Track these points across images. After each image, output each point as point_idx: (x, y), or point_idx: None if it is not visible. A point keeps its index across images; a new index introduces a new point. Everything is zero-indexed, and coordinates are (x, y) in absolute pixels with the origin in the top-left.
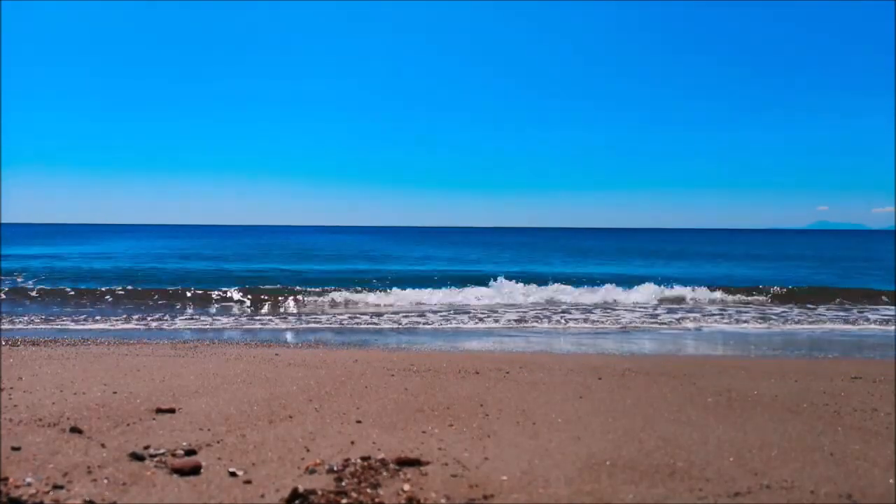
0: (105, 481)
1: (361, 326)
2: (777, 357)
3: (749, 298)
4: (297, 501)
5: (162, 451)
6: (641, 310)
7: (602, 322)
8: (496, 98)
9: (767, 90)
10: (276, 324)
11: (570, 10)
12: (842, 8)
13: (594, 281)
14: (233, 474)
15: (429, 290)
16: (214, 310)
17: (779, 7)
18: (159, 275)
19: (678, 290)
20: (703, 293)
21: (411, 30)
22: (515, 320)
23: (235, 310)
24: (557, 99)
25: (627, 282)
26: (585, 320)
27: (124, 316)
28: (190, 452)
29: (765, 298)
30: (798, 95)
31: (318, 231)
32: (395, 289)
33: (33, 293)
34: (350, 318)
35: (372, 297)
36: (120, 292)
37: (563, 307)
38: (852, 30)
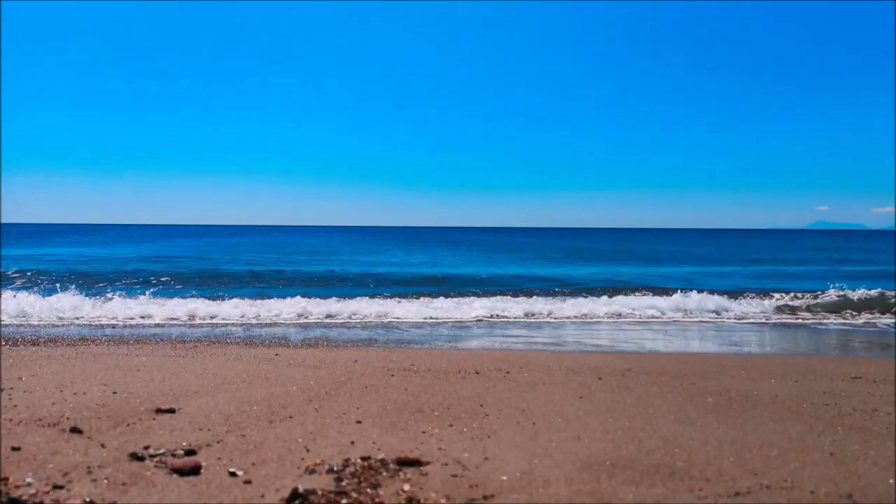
0: (105, 481)
1: None
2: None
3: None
4: (297, 501)
5: (162, 451)
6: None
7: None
8: (494, 99)
9: (767, 91)
10: None
11: (569, 12)
12: (842, 7)
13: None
14: (233, 474)
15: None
16: None
17: (779, 7)
18: None
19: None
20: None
21: (409, 30)
22: None
23: None
24: (557, 99)
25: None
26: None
27: None
28: (190, 452)
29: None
30: (798, 96)
31: (305, 231)
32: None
33: None
34: None
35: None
36: None
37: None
38: (852, 29)
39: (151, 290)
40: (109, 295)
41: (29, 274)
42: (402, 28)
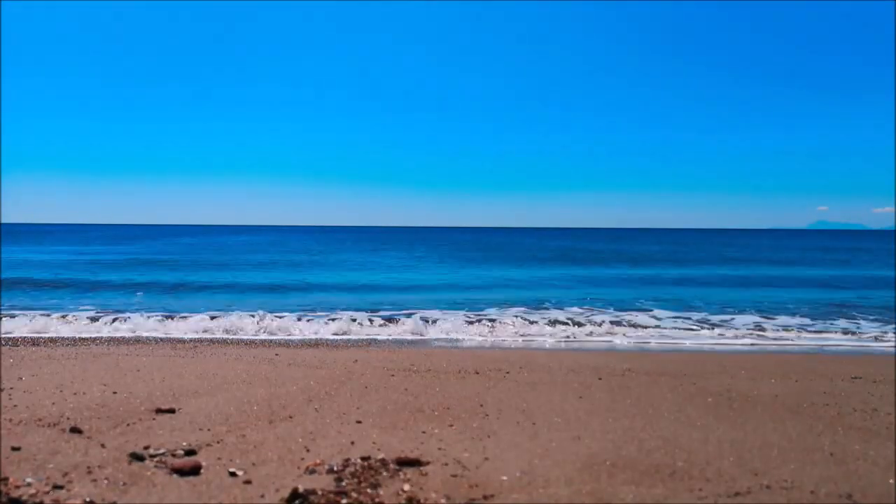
0: (105, 481)
1: None
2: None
3: None
4: (297, 501)
5: (162, 451)
6: None
7: None
8: (485, 101)
9: (768, 92)
10: None
11: (567, 13)
12: (841, 8)
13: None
14: (233, 474)
15: None
16: None
17: (779, 7)
18: None
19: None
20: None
21: (397, 32)
22: None
23: None
24: (561, 102)
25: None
26: None
27: None
28: (190, 452)
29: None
30: (799, 97)
31: (287, 231)
32: None
33: None
34: None
35: None
36: None
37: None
38: (852, 30)
39: None
40: None
41: None
42: (389, 30)
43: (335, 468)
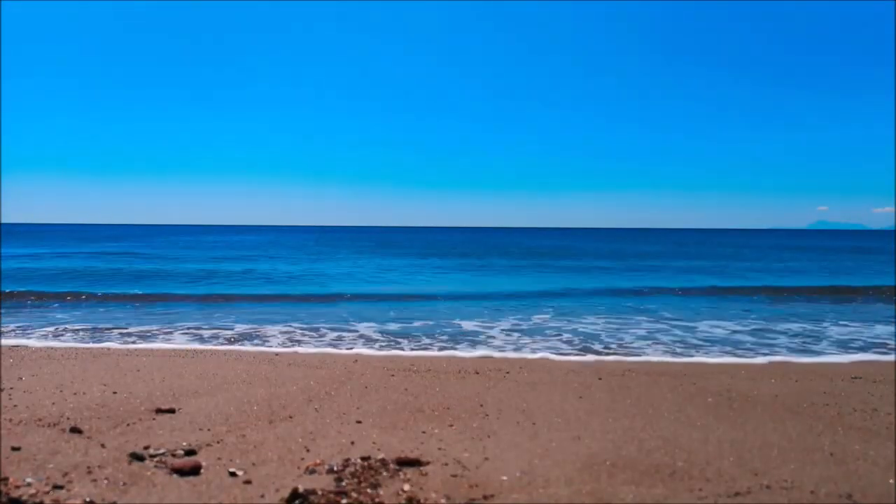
0: (105, 481)
1: None
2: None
3: None
4: (297, 501)
5: (162, 451)
6: None
7: None
8: (485, 101)
9: (768, 92)
10: None
11: (566, 14)
12: (841, 8)
13: None
14: (233, 474)
15: None
16: None
17: (780, 7)
18: None
19: None
20: None
21: (390, 33)
22: None
23: None
24: (566, 103)
25: None
26: None
27: None
28: (190, 452)
29: None
30: (799, 97)
31: (272, 230)
32: None
33: None
34: None
35: None
36: None
37: None
38: (852, 31)
39: None
40: None
41: None
42: (389, 30)
43: (335, 468)
